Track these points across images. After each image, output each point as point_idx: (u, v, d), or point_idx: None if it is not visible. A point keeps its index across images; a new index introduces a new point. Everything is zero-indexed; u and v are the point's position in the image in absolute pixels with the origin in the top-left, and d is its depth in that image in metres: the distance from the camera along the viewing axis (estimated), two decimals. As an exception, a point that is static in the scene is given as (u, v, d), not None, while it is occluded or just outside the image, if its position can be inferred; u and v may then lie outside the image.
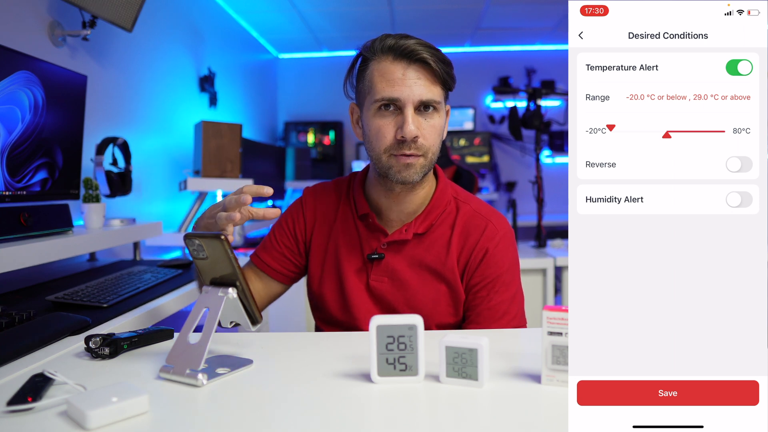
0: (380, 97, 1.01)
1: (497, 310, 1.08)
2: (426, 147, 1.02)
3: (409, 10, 4.01)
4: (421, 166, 1.03)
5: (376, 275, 1.10)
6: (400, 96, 0.99)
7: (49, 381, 0.73)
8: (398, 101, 1.00)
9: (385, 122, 1.01)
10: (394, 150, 1.01)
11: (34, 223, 1.42)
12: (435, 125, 1.03)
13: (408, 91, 0.99)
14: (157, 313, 1.30)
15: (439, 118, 1.04)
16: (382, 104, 1.01)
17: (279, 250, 1.17)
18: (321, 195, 1.19)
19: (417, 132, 0.99)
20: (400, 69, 1.00)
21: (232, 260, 0.78)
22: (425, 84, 1.00)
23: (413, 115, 1.00)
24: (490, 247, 1.09)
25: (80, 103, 1.69)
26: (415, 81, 0.99)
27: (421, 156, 1.02)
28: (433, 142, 1.03)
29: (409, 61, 1.00)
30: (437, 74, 1.00)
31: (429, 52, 1.00)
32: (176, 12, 2.94)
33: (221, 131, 2.57)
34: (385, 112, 1.01)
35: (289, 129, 5.13)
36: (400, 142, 1.00)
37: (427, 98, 1.00)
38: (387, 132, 1.01)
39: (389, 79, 1.00)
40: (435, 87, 1.01)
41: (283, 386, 0.76)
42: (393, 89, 0.99)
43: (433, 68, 1.00)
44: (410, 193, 1.09)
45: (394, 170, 1.02)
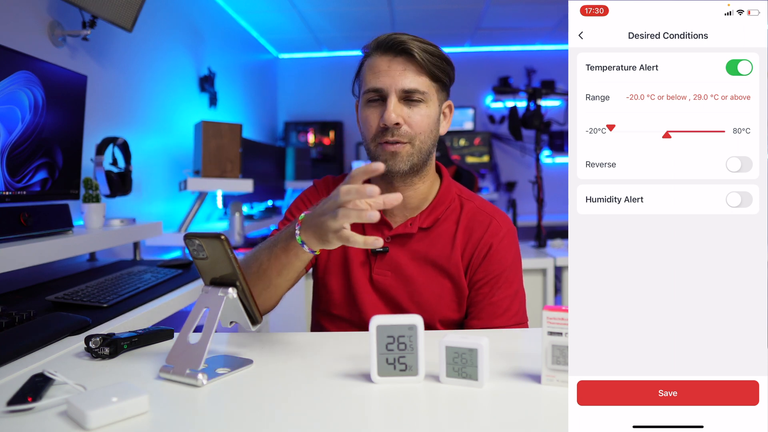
0: (366, 88, 1.05)
1: (499, 306, 1.09)
2: (411, 134, 1.04)
3: (409, 10, 4.01)
4: (407, 154, 1.04)
5: (379, 269, 1.11)
6: (383, 85, 1.03)
7: (49, 381, 0.73)
8: (382, 91, 1.03)
9: (371, 111, 1.05)
10: (379, 138, 1.04)
11: (34, 223, 1.42)
12: (422, 114, 1.04)
13: (390, 80, 1.02)
14: (157, 313, 1.30)
15: (427, 108, 1.05)
16: (370, 95, 1.05)
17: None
18: (331, 186, 1.21)
19: (397, 119, 1.02)
20: (386, 61, 1.04)
21: (232, 260, 0.78)
22: (410, 75, 1.03)
23: (396, 103, 1.02)
24: (494, 243, 1.10)
25: (80, 103, 1.69)
26: (400, 72, 1.02)
27: (407, 143, 1.04)
28: (420, 131, 1.04)
29: (395, 53, 1.03)
30: (423, 65, 1.03)
31: (417, 45, 1.02)
32: (176, 12, 2.94)
33: (221, 131, 2.57)
34: (372, 103, 1.05)
35: (289, 129, 5.13)
36: (383, 130, 1.03)
37: (409, 87, 1.02)
38: (372, 121, 1.05)
39: (376, 71, 1.04)
40: (421, 78, 1.03)
41: (283, 386, 0.76)
42: (378, 80, 1.03)
43: (418, 59, 1.02)
44: (410, 188, 1.10)
45: (381, 159, 1.04)
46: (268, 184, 3.82)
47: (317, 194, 1.19)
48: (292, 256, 0.89)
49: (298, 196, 1.22)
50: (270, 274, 0.94)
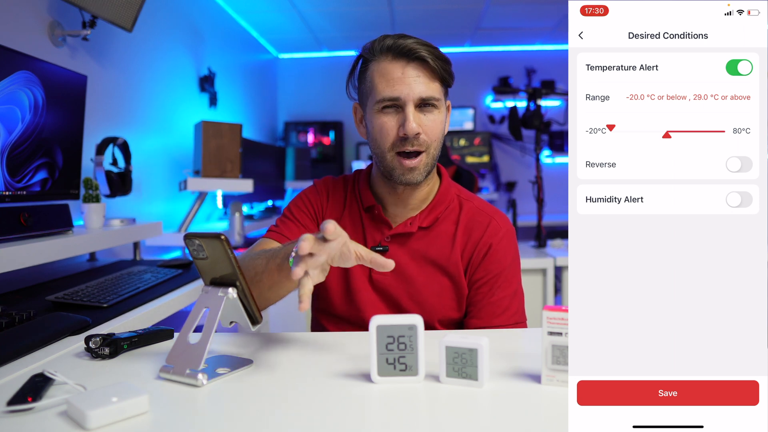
0: (381, 97, 1.03)
1: (499, 305, 1.09)
2: (428, 142, 1.05)
3: (409, 10, 4.01)
4: (424, 165, 1.06)
5: None
6: (401, 95, 1.02)
7: (49, 381, 0.73)
8: (399, 100, 1.02)
9: (388, 120, 1.04)
10: (397, 147, 1.04)
11: (34, 223, 1.42)
12: (436, 121, 1.05)
13: (407, 89, 1.02)
14: (157, 313, 1.30)
15: (439, 114, 1.06)
16: (384, 103, 1.04)
17: (297, 226, 1.17)
18: (332, 186, 1.22)
19: (419, 129, 1.02)
20: (399, 68, 1.03)
21: (232, 260, 0.78)
22: (424, 81, 1.02)
23: (414, 112, 1.02)
24: (493, 242, 1.10)
25: (80, 103, 1.69)
26: (414, 79, 1.02)
27: (423, 152, 1.05)
28: (435, 138, 1.06)
29: (408, 60, 1.02)
30: (435, 71, 1.03)
31: (427, 50, 1.02)
32: (176, 12, 2.94)
33: (221, 131, 2.57)
34: (387, 111, 1.04)
35: (289, 129, 5.13)
36: (402, 139, 1.03)
37: (426, 95, 1.03)
38: (390, 130, 1.04)
39: (389, 78, 1.03)
40: (434, 84, 1.04)
41: (283, 386, 0.76)
42: (393, 88, 1.02)
43: (431, 66, 1.02)
44: (414, 191, 1.11)
45: (398, 172, 1.05)
46: (268, 184, 3.82)
47: (316, 194, 1.20)
48: (284, 276, 0.88)
49: (297, 195, 1.22)
50: (261, 287, 0.92)
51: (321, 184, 1.22)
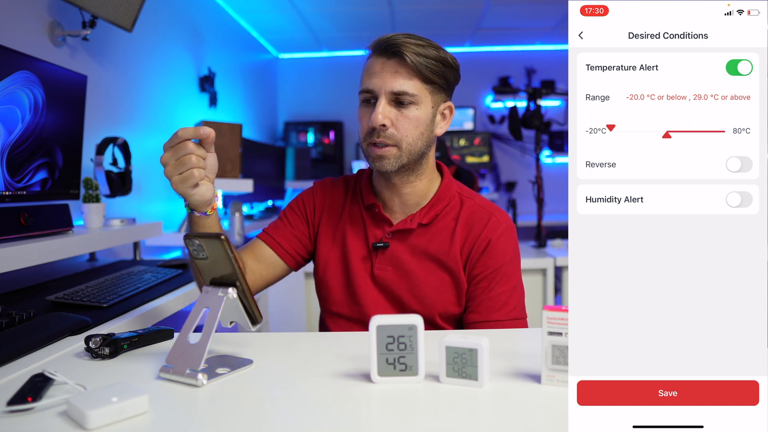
0: (361, 89, 1.07)
1: (497, 300, 1.10)
2: (398, 137, 1.05)
3: (409, 10, 4.01)
4: (395, 156, 1.06)
5: (380, 264, 1.13)
6: (374, 87, 1.04)
7: (49, 381, 0.73)
8: (373, 92, 1.05)
9: (364, 111, 1.08)
10: (368, 138, 1.07)
11: (34, 223, 1.42)
12: (411, 117, 1.05)
13: (381, 82, 1.03)
14: (157, 313, 1.30)
15: (418, 111, 1.05)
16: (364, 95, 1.07)
17: (290, 230, 1.20)
18: (330, 187, 1.23)
19: (383, 120, 1.03)
20: (380, 63, 1.05)
21: (232, 260, 0.78)
22: (401, 77, 1.03)
23: (385, 104, 1.04)
24: (493, 238, 1.11)
25: (80, 103, 1.69)
26: (391, 74, 1.03)
27: (394, 146, 1.05)
28: (407, 134, 1.05)
29: (389, 55, 1.04)
30: (414, 68, 1.02)
31: (411, 48, 1.02)
32: (176, 12, 2.94)
33: (221, 131, 2.57)
34: (366, 103, 1.07)
35: (289, 129, 5.13)
36: (371, 130, 1.05)
37: (398, 90, 1.03)
38: (363, 121, 1.07)
39: (370, 72, 1.06)
40: (412, 80, 1.04)
41: (283, 386, 0.76)
42: (370, 81, 1.05)
43: (409, 62, 1.02)
44: (407, 185, 1.12)
45: (371, 159, 1.08)
46: (268, 184, 3.82)
47: (311, 197, 1.22)
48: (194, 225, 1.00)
49: (295, 197, 1.24)
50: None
51: (318, 186, 1.24)
